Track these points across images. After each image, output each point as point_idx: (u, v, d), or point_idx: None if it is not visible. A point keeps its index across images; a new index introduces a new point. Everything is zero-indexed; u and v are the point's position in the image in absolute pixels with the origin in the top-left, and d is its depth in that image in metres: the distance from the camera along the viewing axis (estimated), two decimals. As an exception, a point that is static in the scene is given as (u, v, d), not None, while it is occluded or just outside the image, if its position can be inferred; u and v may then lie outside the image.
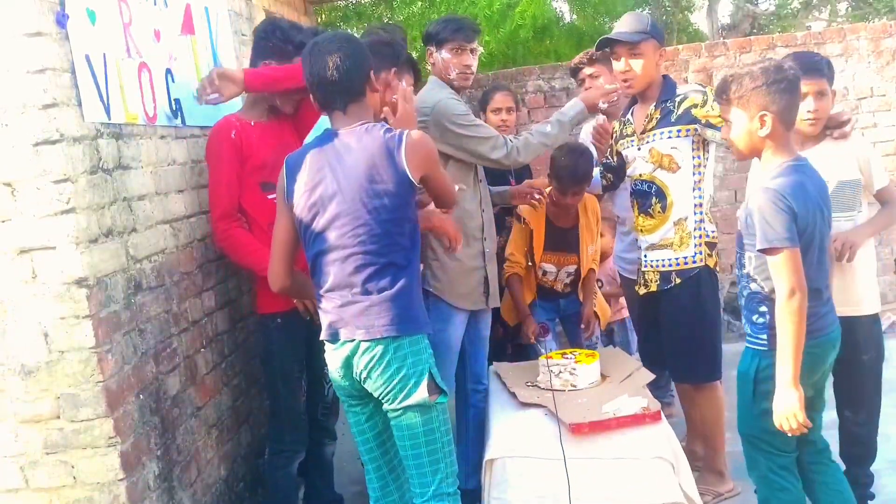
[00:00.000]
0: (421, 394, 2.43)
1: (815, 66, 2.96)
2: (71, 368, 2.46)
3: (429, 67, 3.51)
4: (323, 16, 8.37)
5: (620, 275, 4.33)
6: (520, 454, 2.83)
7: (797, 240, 2.45)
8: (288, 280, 2.64)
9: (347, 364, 2.50)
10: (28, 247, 2.40)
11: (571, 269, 4.00)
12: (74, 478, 2.52)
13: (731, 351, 4.50)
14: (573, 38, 9.11)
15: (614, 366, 3.41)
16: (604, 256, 4.55)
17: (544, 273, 4.02)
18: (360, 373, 2.48)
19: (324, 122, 3.23)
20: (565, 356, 3.36)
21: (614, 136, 3.61)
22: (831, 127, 3.02)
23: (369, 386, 2.49)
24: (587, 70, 4.20)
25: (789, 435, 2.54)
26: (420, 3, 9.29)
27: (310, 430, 3.27)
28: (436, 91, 3.33)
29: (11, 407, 2.49)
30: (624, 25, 3.40)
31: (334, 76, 2.50)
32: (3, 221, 2.39)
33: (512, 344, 4.24)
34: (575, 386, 3.23)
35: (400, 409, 2.46)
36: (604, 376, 3.32)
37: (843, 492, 2.77)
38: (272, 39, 2.99)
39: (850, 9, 14.65)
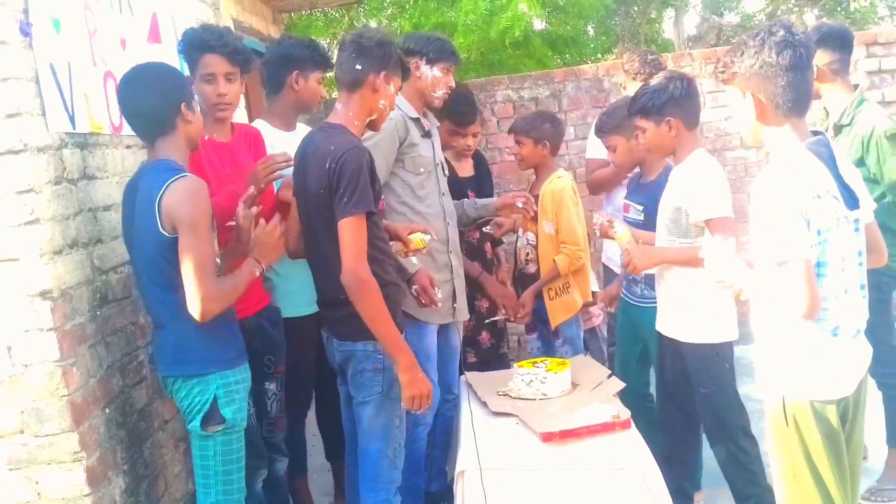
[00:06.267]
0: (196, 423, 2.50)
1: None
2: (35, 382, 2.42)
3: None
4: (293, 25, 8.34)
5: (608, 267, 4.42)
6: (491, 465, 2.82)
7: None
8: None
9: (165, 385, 2.59)
10: (-10, 258, 2.36)
11: (531, 237, 3.99)
12: (39, 494, 2.48)
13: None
14: (546, 43, 9.12)
15: (585, 374, 3.42)
16: None
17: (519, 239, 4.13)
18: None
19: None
20: (536, 365, 3.36)
21: None
22: None
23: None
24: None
25: None
26: (390, 11, 9.28)
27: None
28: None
29: (-27, 422, 2.44)
30: None
31: (140, 110, 2.48)
32: (-35, 233, 2.35)
33: (475, 352, 4.21)
34: (546, 395, 3.23)
35: (191, 430, 2.55)
36: (574, 385, 3.33)
37: None
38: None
39: (816, 21, 14.91)
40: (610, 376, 3.39)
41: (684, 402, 3.17)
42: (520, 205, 3.77)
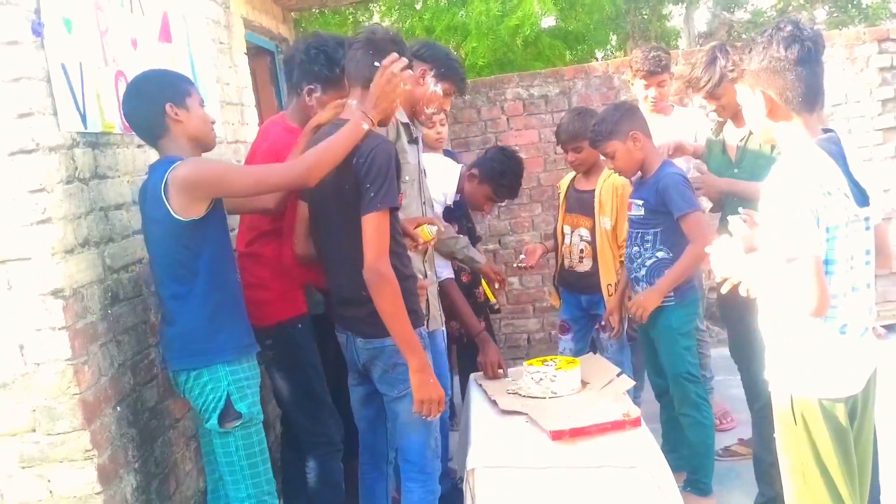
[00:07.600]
0: (213, 421, 2.54)
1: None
2: (47, 381, 2.43)
3: None
4: (303, 24, 8.34)
5: None
6: (500, 464, 2.82)
7: None
8: None
9: (177, 384, 2.64)
10: (3, 258, 2.37)
11: (584, 233, 3.92)
12: (51, 492, 2.49)
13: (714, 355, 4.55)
14: (558, 39, 9.06)
15: (594, 372, 3.42)
16: None
17: (564, 238, 4.02)
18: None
19: None
20: (546, 363, 3.36)
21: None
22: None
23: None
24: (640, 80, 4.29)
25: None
26: (400, 12, 9.25)
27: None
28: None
29: (-14, 420, 2.46)
30: None
31: (132, 119, 2.60)
32: (-22, 232, 2.36)
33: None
34: (555, 393, 3.23)
35: (208, 429, 2.59)
36: (584, 383, 3.33)
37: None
38: (316, 64, 2.89)
39: (827, 16, 14.82)
40: (620, 374, 3.38)
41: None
42: (496, 286, 3.96)
